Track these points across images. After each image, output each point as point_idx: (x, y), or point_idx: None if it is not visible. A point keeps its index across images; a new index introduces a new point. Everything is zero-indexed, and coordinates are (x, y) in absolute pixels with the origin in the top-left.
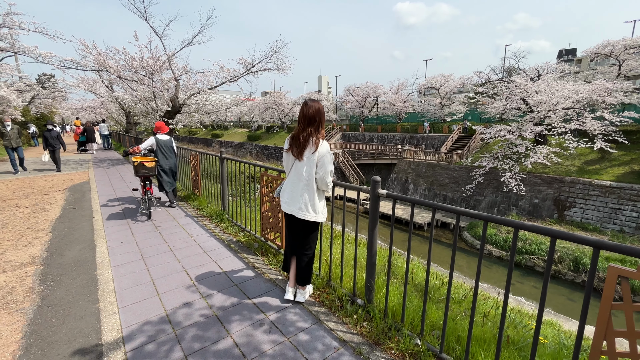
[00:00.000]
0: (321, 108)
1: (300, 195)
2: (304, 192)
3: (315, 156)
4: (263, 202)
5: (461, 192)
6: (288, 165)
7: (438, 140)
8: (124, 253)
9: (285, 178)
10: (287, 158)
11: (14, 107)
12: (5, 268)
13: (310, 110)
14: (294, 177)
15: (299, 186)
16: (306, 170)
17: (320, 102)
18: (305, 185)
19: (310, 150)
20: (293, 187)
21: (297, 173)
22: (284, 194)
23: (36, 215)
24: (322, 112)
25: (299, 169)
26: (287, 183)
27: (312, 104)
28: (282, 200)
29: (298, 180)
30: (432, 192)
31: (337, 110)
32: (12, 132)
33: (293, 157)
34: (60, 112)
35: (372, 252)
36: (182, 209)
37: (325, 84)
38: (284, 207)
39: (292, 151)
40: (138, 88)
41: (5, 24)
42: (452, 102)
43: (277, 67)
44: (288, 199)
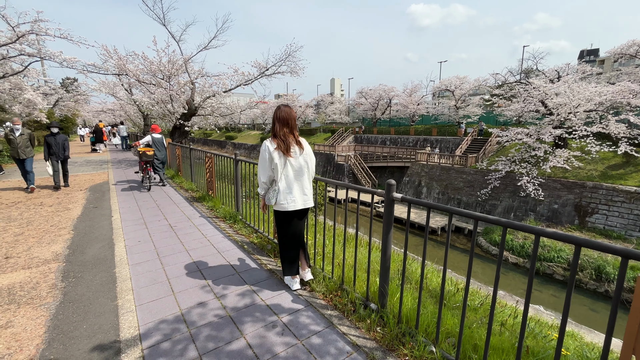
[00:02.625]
0: (293, 112)
1: (306, 187)
2: (307, 183)
3: (305, 152)
4: None
5: (476, 196)
6: (281, 165)
7: (452, 143)
8: (141, 252)
9: (279, 181)
10: (279, 158)
11: (40, 109)
12: (30, 264)
13: (283, 114)
14: (293, 174)
15: (303, 181)
16: (303, 165)
17: (291, 107)
18: (307, 177)
19: (296, 148)
20: (299, 183)
21: (294, 169)
22: (290, 193)
23: (59, 213)
24: (293, 116)
25: (295, 166)
26: (290, 181)
27: (284, 109)
28: (286, 202)
29: (301, 175)
30: (446, 196)
31: (350, 112)
32: (21, 139)
33: (284, 156)
34: (83, 115)
35: (386, 256)
36: (196, 209)
37: (338, 86)
38: (292, 207)
39: (280, 148)
40: (156, 91)
41: (33, 31)
42: (467, 104)
43: (291, 70)
44: (295, 196)
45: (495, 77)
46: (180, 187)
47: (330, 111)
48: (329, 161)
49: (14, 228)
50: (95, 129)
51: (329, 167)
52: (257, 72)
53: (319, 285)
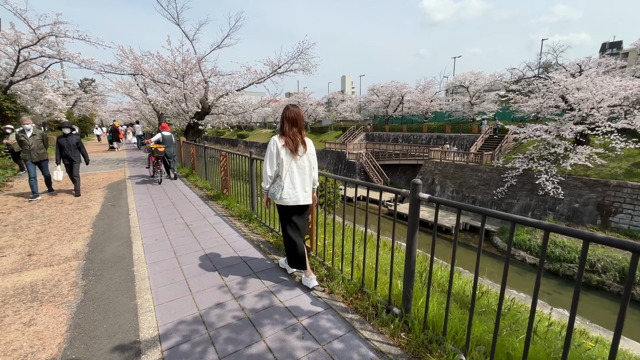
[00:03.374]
0: (301, 112)
1: (307, 185)
2: (308, 182)
3: (309, 151)
4: None
5: (492, 194)
6: (287, 162)
7: (467, 140)
8: (158, 251)
9: (284, 177)
10: (286, 155)
11: (60, 110)
12: (52, 262)
13: (292, 114)
14: (297, 171)
15: (305, 178)
16: (307, 164)
17: (299, 107)
18: (309, 177)
19: (303, 147)
20: (301, 180)
21: (299, 167)
22: (293, 189)
23: (79, 211)
24: (302, 116)
25: (300, 164)
26: (294, 178)
27: (293, 109)
28: (289, 197)
29: (303, 173)
30: (461, 194)
31: (361, 110)
32: (33, 141)
33: (291, 154)
34: (100, 115)
35: (410, 259)
36: (211, 208)
37: (349, 83)
38: (294, 202)
39: (288, 146)
40: (170, 90)
41: (52, 33)
42: (482, 100)
43: (303, 68)
44: (297, 192)
45: (512, 72)
46: (195, 186)
47: (341, 109)
48: (340, 159)
49: (37, 225)
50: (111, 128)
51: (340, 165)
52: (270, 70)
53: (338, 287)
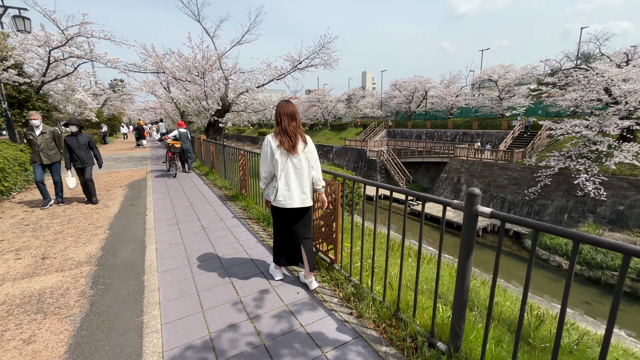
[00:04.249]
0: (295, 108)
1: (305, 186)
2: (307, 182)
3: (308, 149)
4: (314, 208)
5: (523, 194)
6: (282, 161)
7: (495, 137)
8: (172, 257)
9: (279, 177)
10: (280, 155)
11: (90, 109)
12: (63, 266)
13: (290, 108)
14: (293, 171)
15: (302, 179)
16: (305, 163)
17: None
18: (307, 176)
19: (302, 145)
20: (298, 181)
21: (295, 167)
22: (288, 190)
23: (98, 211)
24: (297, 110)
25: (296, 163)
26: (289, 178)
27: (289, 104)
28: (284, 198)
29: (301, 173)
30: (489, 194)
31: (382, 106)
32: (42, 140)
33: (286, 153)
34: (127, 113)
35: (463, 287)
36: (229, 209)
37: (370, 79)
38: (289, 204)
39: (284, 146)
40: (191, 88)
41: (80, 33)
42: (512, 95)
43: (324, 63)
44: (293, 194)
45: (546, 64)
46: (214, 185)
47: (362, 105)
48: (360, 157)
49: (56, 225)
50: (137, 126)
51: (360, 162)
52: (290, 65)
53: (368, 309)
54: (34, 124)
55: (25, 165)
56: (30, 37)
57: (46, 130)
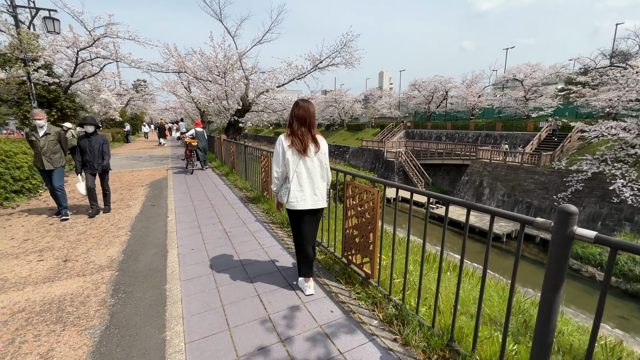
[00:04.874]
0: (312, 108)
1: (317, 188)
2: (320, 184)
3: (321, 152)
4: (347, 216)
5: (551, 200)
6: (294, 163)
7: (520, 139)
8: (194, 264)
9: (291, 179)
10: (292, 155)
11: (114, 108)
12: (85, 270)
13: (301, 111)
14: (306, 173)
15: (315, 180)
16: (317, 165)
17: (312, 103)
18: (320, 178)
19: (314, 147)
20: (310, 183)
21: (308, 169)
22: (301, 192)
23: (120, 211)
24: (313, 113)
25: (309, 165)
26: (302, 180)
27: (303, 105)
28: (296, 200)
29: (313, 175)
30: (513, 199)
31: (400, 106)
32: (46, 142)
33: (298, 154)
34: (149, 113)
35: (549, 326)
36: (251, 212)
37: (387, 80)
38: (301, 205)
39: (296, 147)
40: (212, 87)
41: (106, 34)
42: (539, 95)
43: (346, 62)
44: (306, 195)
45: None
46: (234, 186)
47: (380, 105)
48: (377, 158)
49: (79, 225)
50: (159, 126)
51: (377, 164)
52: (311, 65)
53: (414, 336)
54: (38, 124)
55: None
56: (60, 39)
57: (51, 130)
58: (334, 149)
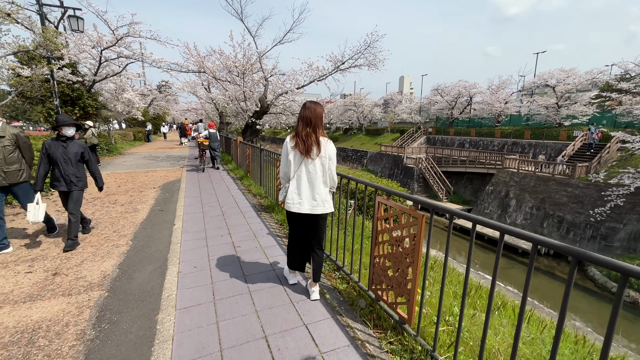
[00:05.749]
0: (319, 109)
1: (318, 193)
2: (320, 188)
3: (324, 155)
4: (378, 241)
5: (587, 215)
6: (296, 164)
7: (551, 148)
8: (195, 287)
9: (292, 178)
10: (295, 156)
11: (137, 108)
12: (72, 289)
13: (307, 112)
14: (306, 175)
15: (315, 184)
16: (319, 169)
17: (320, 105)
18: (322, 182)
19: (316, 149)
20: (310, 187)
21: (308, 171)
22: (298, 195)
23: (126, 215)
24: (319, 114)
25: (310, 168)
26: (300, 182)
27: (310, 106)
28: (292, 202)
29: (314, 179)
30: (543, 212)
31: (421, 111)
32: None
33: (301, 156)
34: (172, 113)
35: None
36: (263, 222)
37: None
38: (296, 208)
39: (298, 148)
40: (230, 88)
41: (129, 34)
42: (572, 102)
43: (369, 63)
44: (303, 199)
45: (617, 68)
46: (248, 191)
47: (400, 110)
48: (396, 163)
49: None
50: (180, 126)
51: (396, 169)
52: (332, 66)
53: None
54: None
55: None
56: (86, 39)
57: (5, 133)
58: (352, 153)
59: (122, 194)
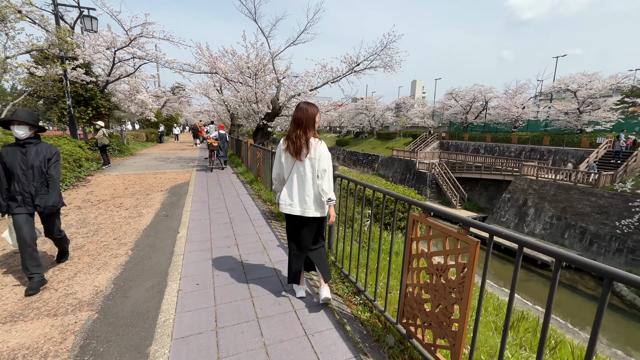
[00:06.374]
0: (311, 110)
1: (308, 195)
2: (310, 190)
3: (312, 156)
4: (410, 267)
5: (612, 226)
6: (288, 166)
7: (572, 155)
8: (195, 309)
9: (286, 181)
10: (287, 159)
11: (150, 109)
12: (59, 307)
13: (298, 114)
14: (297, 178)
15: (306, 187)
16: (309, 170)
17: (314, 106)
18: (312, 185)
19: (305, 150)
20: (301, 189)
21: (299, 174)
22: (289, 196)
23: (129, 220)
24: (311, 115)
25: (300, 170)
26: (292, 184)
27: (303, 106)
28: (284, 203)
29: (304, 181)
30: (564, 222)
31: (434, 116)
32: None
33: (292, 158)
34: (185, 115)
35: None
36: (274, 232)
37: (420, 88)
38: (288, 209)
39: (289, 150)
40: (241, 89)
41: (142, 34)
42: (595, 107)
43: (385, 65)
44: (294, 201)
45: None
46: (258, 197)
47: (412, 114)
48: (408, 168)
49: (80, 237)
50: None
51: (408, 175)
52: (347, 68)
53: None
54: None
55: (80, 161)
56: (100, 40)
57: None
58: (363, 157)
59: (129, 196)
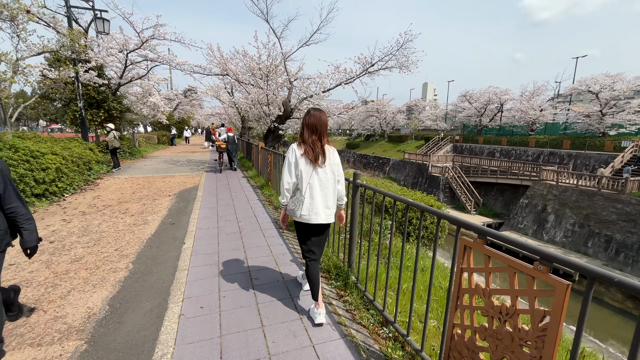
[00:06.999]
0: (324, 118)
1: (329, 200)
2: (331, 197)
3: (331, 161)
4: (461, 303)
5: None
6: (307, 173)
7: (595, 159)
8: (197, 342)
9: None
10: (305, 165)
11: (162, 112)
12: (45, 335)
13: (312, 119)
14: (319, 185)
15: (327, 193)
16: (330, 176)
17: (324, 112)
18: (332, 190)
19: (322, 157)
20: (323, 195)
21: (321, 180)
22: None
23: (133, 229)
24: (324, 122)
25: (322, 176)
26: (314, 193)
27: (314, 113)
28: (308, 212)
29: (326, 187)
30: (587, 230)
31: (446, 118)
32: None
33: (311, 164)
34: (196, 118)
35: None
36: (286, 244)
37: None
38: (314, 219)
39: (308, 156)
40: (252, 91)
41: (154, 36)
42: (619, 110)
43: (400, 65)
44: (319, 208)
45: None
46: (269, 203)
47: (424, 117)
48: (420, 172)
49: (80, 247)
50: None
51: (420, 178)
52: (361, 68)
53: None
54: None
55: (90, 164)
56: (113, 43)
57: None
58: (373, 160)
59: (135, 201)
